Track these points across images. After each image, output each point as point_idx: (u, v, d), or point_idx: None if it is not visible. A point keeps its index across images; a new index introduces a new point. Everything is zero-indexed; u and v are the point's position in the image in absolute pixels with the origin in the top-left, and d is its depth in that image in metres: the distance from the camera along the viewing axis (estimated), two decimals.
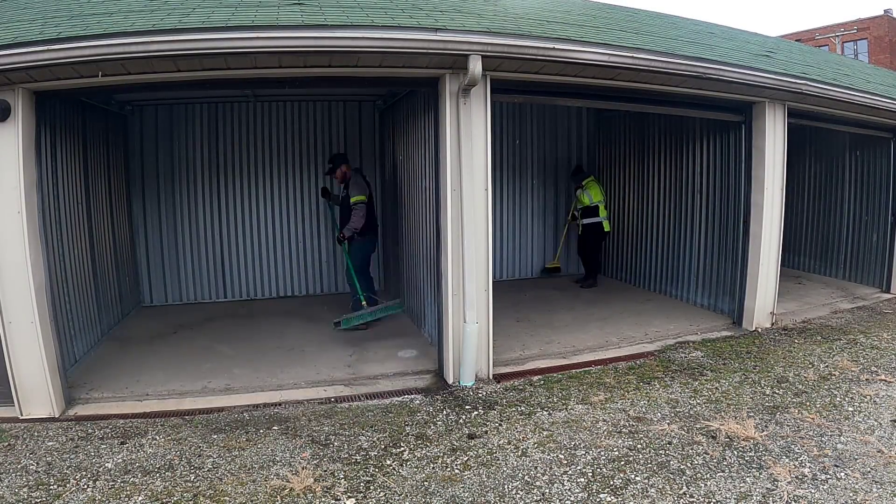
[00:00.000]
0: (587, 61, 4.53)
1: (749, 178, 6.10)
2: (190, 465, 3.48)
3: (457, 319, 4.75)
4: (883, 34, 28.66)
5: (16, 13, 5.09)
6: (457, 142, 4.60)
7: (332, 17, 4.45)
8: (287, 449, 3.67)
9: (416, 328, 6.29)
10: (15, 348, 4.11)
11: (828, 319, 6.48)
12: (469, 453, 3.60)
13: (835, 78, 6.80)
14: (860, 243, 8.17)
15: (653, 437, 3.75)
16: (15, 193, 3.98)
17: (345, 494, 3.16)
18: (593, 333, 6.07)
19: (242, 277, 7.89)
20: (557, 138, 9.03)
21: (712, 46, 6.58)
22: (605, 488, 3.17)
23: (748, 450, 3.54)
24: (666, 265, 7.69)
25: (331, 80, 4.83)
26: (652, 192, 7.95)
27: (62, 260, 5.01)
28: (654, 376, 4.82)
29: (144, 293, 7.56)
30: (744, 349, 5.48)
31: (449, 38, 4.12)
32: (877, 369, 4.86)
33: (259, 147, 7.75)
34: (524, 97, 5.47)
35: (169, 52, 3.77)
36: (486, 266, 4.83)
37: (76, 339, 5.26)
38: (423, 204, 5.64)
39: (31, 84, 4.03)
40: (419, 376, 4.95)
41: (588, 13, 7.07)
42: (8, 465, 3.51)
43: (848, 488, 3.11)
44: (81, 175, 5.60)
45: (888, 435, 3.71)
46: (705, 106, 5.96)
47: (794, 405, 4.18)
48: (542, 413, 4.15)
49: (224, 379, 4.93)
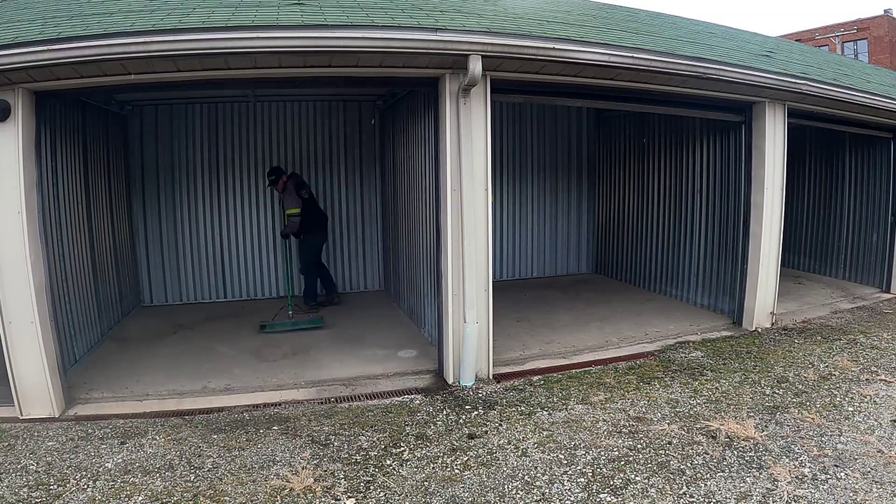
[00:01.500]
0: (587, 61, 4.53)
1: (749, 178, 6.10)
2: (190, 465, 3.48)
3: (457, 319, 4.75)
4: (883, 34, 28.66)
5: (16, 13, 5.10)
6: (457, 142, 4.60)
7: (332, 17, 4.45)
8: (287, 449, 3.67)
9: (416, 328, 6.29)
10: (15, 348, 4.11)
11: (828, 319, 6.48)
12: (469, 453, 3.60)
13: (835, 78, 6.80)
14: (860, 243, 8.17)
15: (653, 437, 3.75)
16: (15, 193, 3.98)
17: (345, 494, 3.16)
18: (593, 333, 6.07)
19: (242, 277, 7.90)
20: (557, 138, 9.03)
21: (712, 46, 6.58)
22: (605, 488, 3.17)
23: (748, 450, 3.54)
24: (666, 265, 7.69)
25: (331, 80, 4.83)
26: (652, 191, 7.95)
27: (62, 260, 5.01)
28: (654, 376, 4.82)
29: (144, 293, 7.56)
30: (744, 349, 5.48)
31: (449, 38, 4.12)
32: (877, 369, 4.86)
33: (259, 147, 7.75)
34: (524, 97, 5.47)
35: (169, 52, 3.77)
36: (486, 266, 4.83)
37: (76, 339, 5.26)
38: (423, 204, 5.64)
39: (31, 84, 4.03)
40: (419, 376, 4.95)
41: (588, 13, 7.08)
42: (8, 465, 3.51)
43: (848, 488, 3.11)
44: (81, 175, 5.60)
45: (888, 435, 3.70)
46: (705, 106, 5.96)
47: (794, 405, 4.18)
48: (542, 413, 4.15)
49: (224, 379, 4.93)
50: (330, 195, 8.09)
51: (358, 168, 8.16)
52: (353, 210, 8.22)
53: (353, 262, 8.32)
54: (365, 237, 8.31)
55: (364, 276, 8.39)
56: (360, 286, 8.37)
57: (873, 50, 28.77)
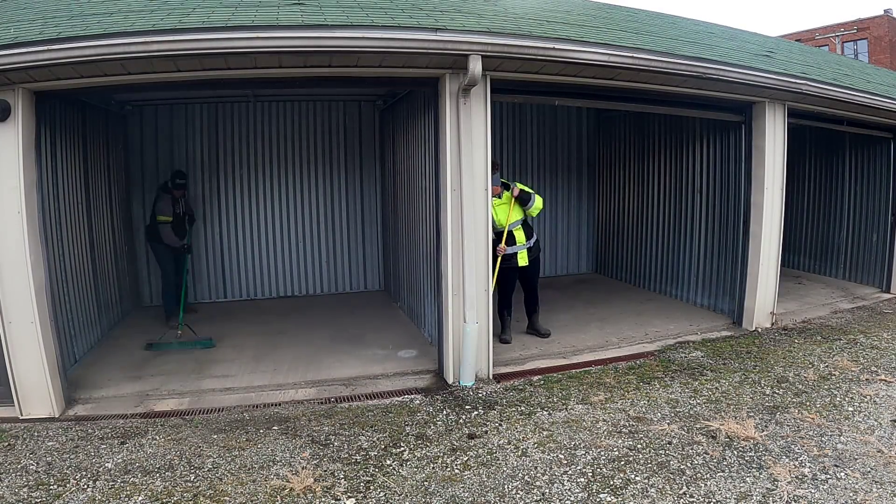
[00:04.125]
0: (587, 61, 4.53)
1: (749, 178, 6.10)
2: (190, 465, 3.48)
3: (457, 319, 4.75)
4: (883, 34, 28.65)
5: (16, 13, 5.09)
6: (457, 142, 4.60)
7: (332, 17, 4.45)
8: (287, 449, 3.67)
9: (416, 328, 6.29)
10: (15, 348, 4.11)
11: (828, 319, 6.48)
12: (469, 453, 3.60)
13: (835, 78, 6.80)
14: (860, 243, 8.17)
15: (653, 437, 3.75)
16: (15, 193, 3.98)
17: (345, 494, 3.16)
18: (593, 333, 6.07)
19: (242, 277, 7.90)
20: (557, 138, 9.03)
21: (712, 46, 6.58)
22: (605, 488, 3.17)
23: (748, 450, 3.54)
24: (666, 265, 7.69)
25: (331, 80, 4.84)
26: (652, 192, 7.94)
27: (62, 260, 5.01)
28: (654, 376, 4.82)
29: (144, 293, 7.55)
30: (744, 349, 5.48)
31: (449, 38, 4.12)
32: (877, 369, 4.86)
33: (259, 147, 7.75)
34: (524, 97, 5.47)
35: (169, 52, 3.76)
36: (486, 266, 4.83)
37: (76, 339, 5.26)
38: (423, 204, 5.64)
39: (31, 84, 4.03)
40: (419, 376, 4.95)
41: (588, 13, 7.07)
42: (8, 465, 3.51)
43: (848, 488, 3.11)
44: (81, 175, 5.60)
45: (888, 435, 3.70)
46: (705, 106, 5.96)
47: (794, 405, 4.18)
48: (542, 413, 4.15)
49: (224, 379, 4.93)
50: (330, 195, 8.09)
51: (358, 168, 8.16)
52: (353, 210, 8.22)
53: (353, 262, 8.32)
54: (365, 237, 8.31)
55: (364, 276, 8.39)
56: (360, 286, 8.37)
57: (873, 50, 28.77)
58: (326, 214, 8.10)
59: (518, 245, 5.74)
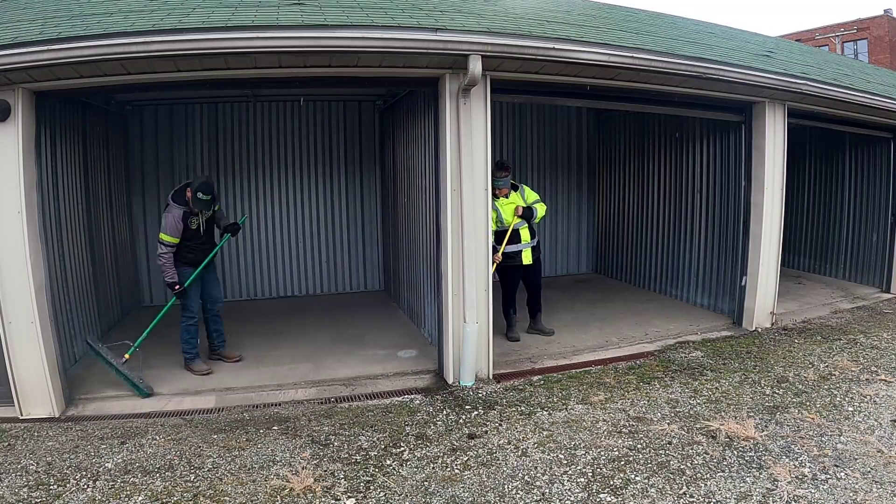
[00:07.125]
0: (587, 61, 4.53)
1: (749, 178, 6.10)
2: (190, 465, 3.47)
3: (457, 319, 4.75)
4: (883, 34, 28.65)
5: (16, 13, 5.10)
6: (457, 142, 4.60)
7: (332, 17, 4.45)
8: (287, 449, 3.67)
9: (416, 328, 6.29)
10: (15, 348, 4.11)
11: (828, 319, 6.48)
12: (469, 453, 3.60)
13: (835, 78, 6.80)
14: (860, 243, 8.16)
15: (653, 437, 3.75)
16: (15, 193, 3.99)
17: (345, 494, 3.16)
18: (593, 333, 6.07)
19: (242, 277, 7.89)
20: (557, 138, 9.03)
21: (712, 46, 6.58)
22: (605, 488, 3.17)
23: (748, 450, 3.54)
24: (666, 265, 7.69)
25: (331, 80, 4.83)
26: (652, 192, 7.94)
27: (62, 260, 5.01)
28: (654, 376, 4.82)
29: (144, 293, 7.55)
30: (744, 349, 5.48)
31: (449, 38, 4.12)
32: (877, 369, 4.86)
33: (259, 147, 7.75)
34: (524, 97, 5.47)
35: (169, 52, 3.77)
36: (486, 266, 4.83)
37: (76, 339, 5.26)
38: (423, 204, 5.64)
39: (31, 84, 4.03)
40: (419, 376, 4.95)
41: (588, 13, 7.07)
42: (8, 465, 3.51)
43: (848, 488, 3.10)
44: (81, 175, 5.60)
45: (888, 435, 3.70)
46: (705, 106, 5.96)
47: (794, 405, 4.18)
48: (542, 413, 4.15)
49: (224, 379, 4.93)
50: (330, 195, 8.09)
51: (358, 168, 8.16)
52: (353, 210, 8.21)
53: (353, 262, 8.32)
54: (365, 237, 8.31)
55: (364, 276, 8.38)
56: (360, 286, 8.37)
57: (873, 50, 28.77)
58: (326, 214, 8.10)
59: (523, 243, 5.77)
